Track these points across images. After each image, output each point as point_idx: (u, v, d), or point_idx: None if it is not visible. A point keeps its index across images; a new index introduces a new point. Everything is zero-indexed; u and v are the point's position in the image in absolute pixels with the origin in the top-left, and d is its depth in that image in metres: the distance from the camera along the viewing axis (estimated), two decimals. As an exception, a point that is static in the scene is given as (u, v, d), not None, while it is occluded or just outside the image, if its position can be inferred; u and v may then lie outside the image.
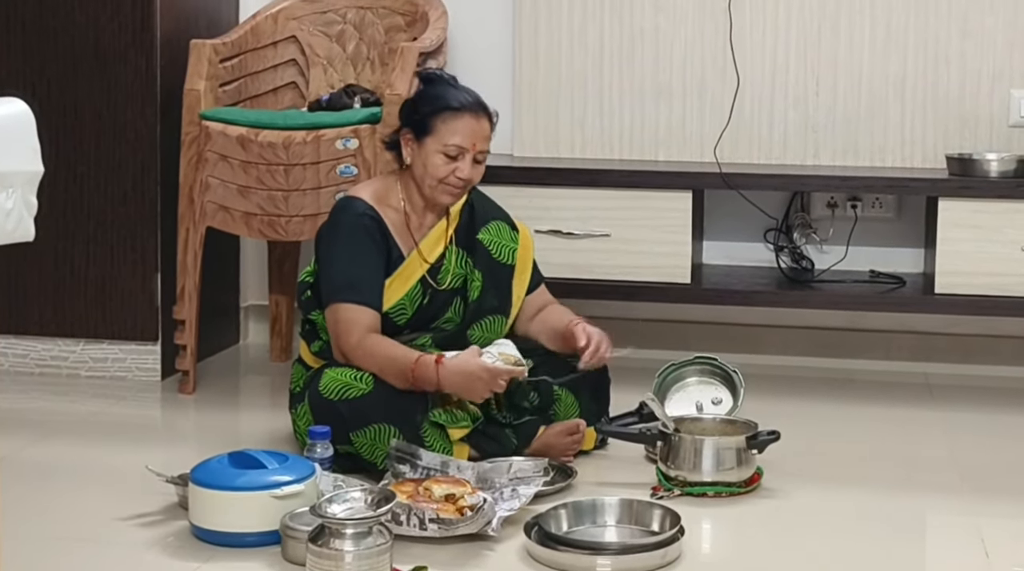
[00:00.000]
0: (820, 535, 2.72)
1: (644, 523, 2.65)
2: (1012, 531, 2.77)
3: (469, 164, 3.04)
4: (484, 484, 2.78)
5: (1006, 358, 3.98)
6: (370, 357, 2.95)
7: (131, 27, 3.71)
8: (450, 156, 3.03)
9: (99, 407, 3.59)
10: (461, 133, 3.03)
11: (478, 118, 3.05)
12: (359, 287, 3.01)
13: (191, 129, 3.62)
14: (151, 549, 2.59)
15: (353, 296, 2.99)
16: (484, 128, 3.06)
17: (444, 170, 3.04)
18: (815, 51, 3.94)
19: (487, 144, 3.08)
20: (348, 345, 2.97)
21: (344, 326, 2.98)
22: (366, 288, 3.02)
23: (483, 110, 3.07)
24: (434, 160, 3.04)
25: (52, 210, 3.73)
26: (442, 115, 3.03)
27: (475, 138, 3.04)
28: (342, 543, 2.31)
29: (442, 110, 3.04)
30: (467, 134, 3.03)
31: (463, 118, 3.03)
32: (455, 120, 3.03)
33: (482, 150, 3.06)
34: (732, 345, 4.00)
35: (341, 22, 4.03)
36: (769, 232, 4.01)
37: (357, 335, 2.97)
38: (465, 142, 3.03)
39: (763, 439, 2.95)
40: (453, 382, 2.89)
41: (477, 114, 3.05)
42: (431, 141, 3.04)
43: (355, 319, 2.98)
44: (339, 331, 2.98)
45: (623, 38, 4.01)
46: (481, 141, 3.05)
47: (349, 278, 3.01)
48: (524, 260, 3.24)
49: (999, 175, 3.62)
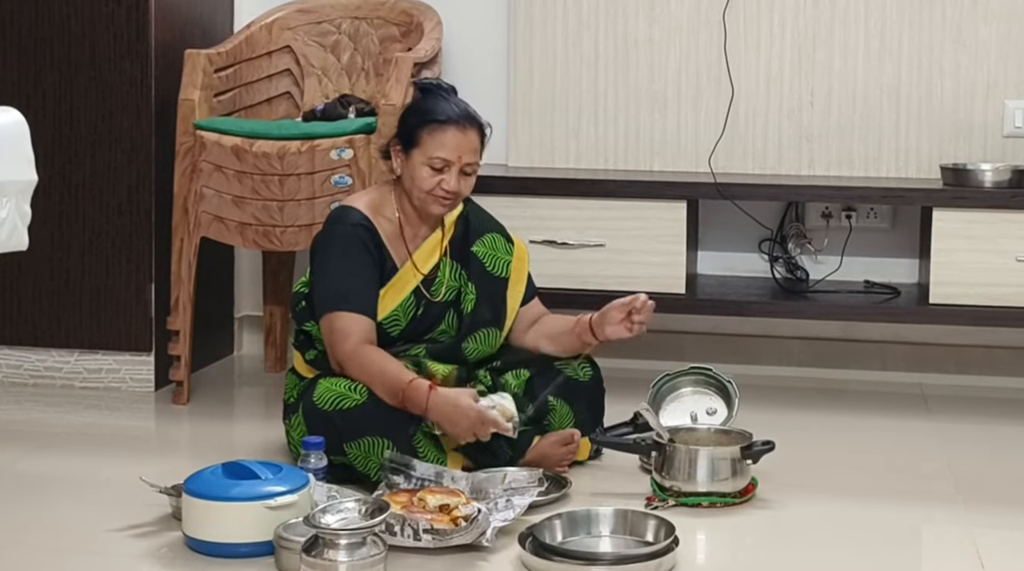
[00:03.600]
0: (815, 545, 2.72)
1: (639, 533, 2.65)
2: (1007, 542, 2.76)
3: (456, 176, 3.04)
4: (478, 494, 2.77)
5: (1001, 369, 3.98)
6: (364, 368, 2.94)
7: (126, 37, 3.71)
8: (435, 168, 3.03)
9: (93, 418, 3.58)
10: (446, 146, 3.02)
11: (465, 131, 3.04)
12: (354, 296, 3.01)
13: (185, 139, 3.62)
14: (145, 560, 2.59)
15: (348, 305, 2.99)
16: (471, 141, 3.06)
17: (430, 182, 3.04)
18: (809, 61, 3.94)
19: (475, 156, 3.07)
20: (343, 353, 2.96)
21: (339, 334, 2.97)
22: (361, 297, 3.01)
23: (471, 122, 3.06)
24: (421, 172, 3.04)
25: (47, 220, 3.72)
26: (428, 127, 3.03)
27: (461, 151, 3.03)
28: (336, 554, 2.31)
29: (428, 122, 3.03)
30: (452, 147, 3.03)
31: (449, 131, 3.03)
32: (441, 133, 3.02)
33: (469, 162, 3.06)
34: (727, 355, 4.00)
35: (336, 32, 4.03)
36: (764, 242, 4.01)
37: (352, 343, 2.96)
38: (450, 155, 3.03)
39: (758, 449, 2.95)
40: (442, 412, 2.87)
41: (464, 127, 3.04)
42: (417, 153, 3.04)
43: (350, 327, 2.98)
44: (334, 340, 2.98)
45: (618, 48, 4.01)
46: (468, 154, 3.05)
47: (344, 287, 3.01)
48: (519, 272, 3.23)
49: (994, 185, 3.62)
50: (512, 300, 3.21)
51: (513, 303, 3.21)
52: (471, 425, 2.87)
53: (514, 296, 3.21)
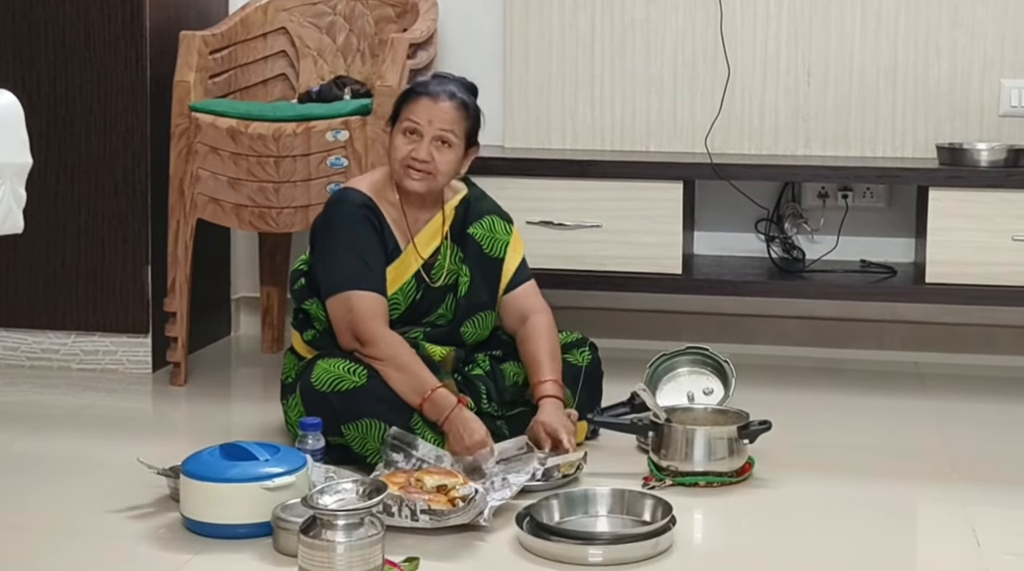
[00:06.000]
0: (811, 524, 2.73)
1: (636, 513, 2.66)
2: (1003, 519, 2.77)
3: (427, 145, 3.04)
4: (473, 473, 2.78)
5: (997, 347, 3.98)
6: (392, 355, 2.94)
7: (120, 18, 3.70)
8: (407, 135, 3.04)
9: (90, 399, 3.59)
10: (416, 112, 3.05)
11: (436, 100, 3.06)
12: (368, 275, 3.01)
13: (181, 121, 3.61)
14: (143, 541, 2.59)
15: (363, 283, 2.99)
16: (443, 110, 3.06)
17: (403, 151, 3.05)
18: (806, 41, 3.93)
19: (447, 125, 3.05)
20: (370, 332, 2.95)
21: (359, 313, 2.97)
22: (373, 275, 3.02)
23: (447, 95, 3.07)
24: (395, 142, 3.07)
25: (42, 202, 3.72)
26: (406, 99, 3.09)
27: (431, 116, 3.04)
28: (334, 534, 2.31)
29: (407, 94, 3.10)
30: (422, 112, 3.05)
31: (421, 99, 3.07)
32: (414, 102, 3.07)
33: (442, 130, 3.05)
34: (723, 335, 4.00)
35: (331, 13, 4.02)
36: (760, 222, 4.01)
37: (379, 324, 2.97)
38: (420, 119, 3.04)
39: (754, 429, 2.95)
40: (455, 426, 2.89)
41: (436, 97, 3.07)
42: (396, 126, 3.08)
43: (370, 305, 2.98)
44: (354, 318, 2.97)
45: (614, 29, 4.00)
46: (439, 122, 3.05)
47: (356, 265, 3.01)
48: (515, 251, 3.22)
49: (990, 164, 3.62)
50: (502, 282, 3.20)
51: (502, 285, 3.20)
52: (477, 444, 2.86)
53: (504, 278, 3.20)
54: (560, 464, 2.86)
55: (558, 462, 2.86)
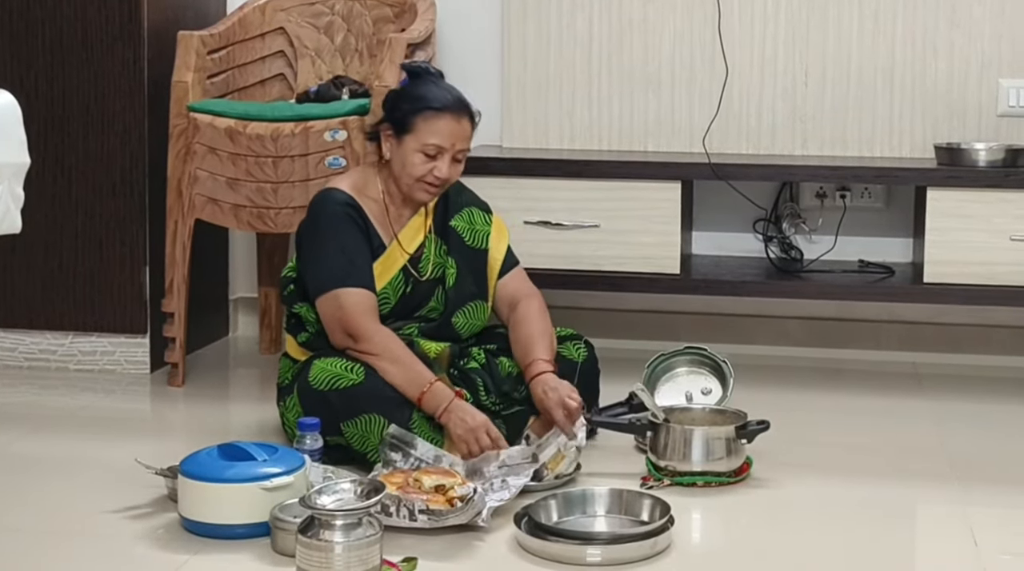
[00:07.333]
0: (809, 524, 2.73)
1: (634, 513, 2.66)
2: (1000, 519, 2.77)
3: (447, 163, 3.04)
4: (474, 474, 2.78)
5: (995, 347, 3.99)
6: (386, 351, 2.94)
7: (118, 18, 3.70)
8: (428, 155, 3.03)
9: (88, 400, 3.59)
10: (440, 133, 3.02)
11: (459, 119, 3.04)
12: (356, 272, 3.01)
13: (179, 121, 3.61)
14: (141, 541, 2.59)
15: (350, 280, 2.99)
16: (464, 129, 3.06)
17: (422, 169, 3.03)
18: (804, 41, 3.94)
19: (467, 143, 3.07)
20: (363, 328, 2.95)
21: (349, 310, 2.97)
22: (362, 273, 3.02)
23: (464, 110, 3.06)
24: (412, 159, 3.04)
25: (40, 202, 3.72)
26: (423, 114, 3.02)
27: (454, 138, 3.03)
28: (332, 534, 2.31)
29: (423, 109, 3.03)
30: (446, 134, 3.02)
31: (444, 118, 3.02)
32: (436, 120, 3.02)
33: (461, 149, 3.06)
34: (721, 335, 4.00)
35: (329, 13, 4.02)
36: (758, 222, 4.01)
37: (371, 320, 2.97)
38: (444, 142, 3.03)
39: (752, 429, 2.95)
40: (455, 415, 2.88)
41: (458, 115, 3.04)
42: (411, 139, 3.04)
43: (359, 301, 2.98)
44: (344, 315, 2.97)
45: (612, 29, 4.00)
46: (460, 141, 3.05)
47: (343, 264, 3.01)
48: (498, 241, 3.22)
49: (987, 164, 3.62)
50: (492, 271, 3.20)
51: (492, 274, 3.20)
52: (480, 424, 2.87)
53: (493, 267, 3.20)
54: (548, 463, 2.86)
55: (549, 457, 2.86)
